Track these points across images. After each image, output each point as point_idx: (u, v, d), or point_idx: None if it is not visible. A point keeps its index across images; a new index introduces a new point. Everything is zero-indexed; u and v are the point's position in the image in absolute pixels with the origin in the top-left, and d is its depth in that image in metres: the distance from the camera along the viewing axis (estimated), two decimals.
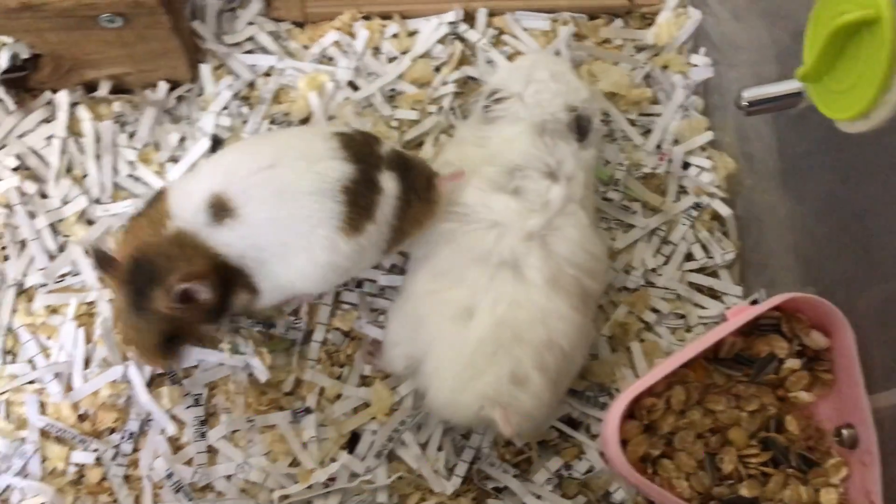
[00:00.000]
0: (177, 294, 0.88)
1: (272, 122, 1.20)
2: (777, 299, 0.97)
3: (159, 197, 0.94)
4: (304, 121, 1.22)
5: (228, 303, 0.95)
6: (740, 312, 0.97)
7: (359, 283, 1.13)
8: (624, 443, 0.95)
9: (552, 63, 1.06)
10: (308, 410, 1.09)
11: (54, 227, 1.13)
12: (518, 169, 0.99)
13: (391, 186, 0.95)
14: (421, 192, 0.98)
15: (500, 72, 1.16)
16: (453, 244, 0.98)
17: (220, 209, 0.89)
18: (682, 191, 1.24)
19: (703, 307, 1.18)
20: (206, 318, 0.95)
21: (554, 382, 0.97)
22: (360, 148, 0.95)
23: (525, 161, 0.99)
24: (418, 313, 0.99)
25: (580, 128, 1.03)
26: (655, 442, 0.97)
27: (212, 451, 1.07)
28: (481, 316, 0.94)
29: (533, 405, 0.95)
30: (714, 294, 1.20)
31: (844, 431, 0.96)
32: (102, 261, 0.93)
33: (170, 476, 1.04)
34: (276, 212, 0.90)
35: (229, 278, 0.93)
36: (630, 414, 0.98)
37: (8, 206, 1.12)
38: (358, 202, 0.93)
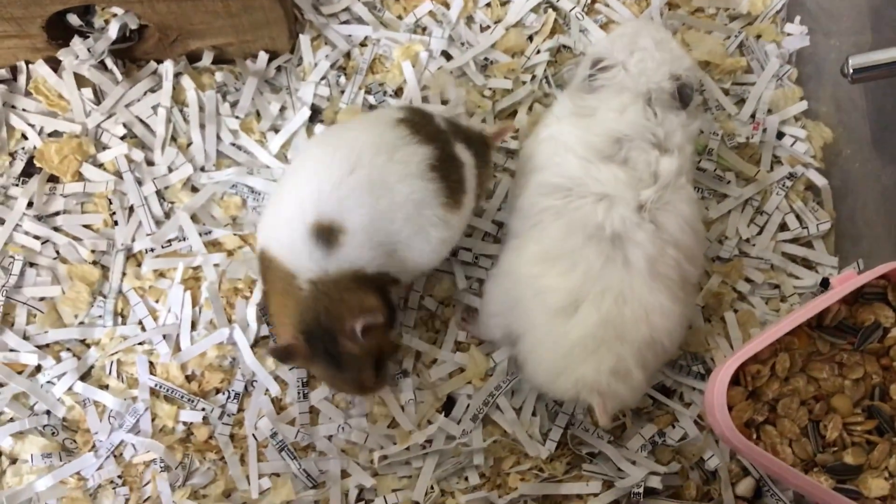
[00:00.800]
0: (360, 334, 0.91)
1: (368, 92, 1.22)
2: (885, 267, 0.96)
3: (267, 264, 0.96)
4: (399, 91, 1.23)
5: (391, 303, 0.99)
6: (846, 280, 0.97)
7: (454, 252, 1.15)
8: (729, 409, 0.95)
9: (655, 31, 1.06)
10: (405, 374, 1.11)
11: (160, 194, 1.17)
12: (627, 139, 0.99)
13: (467, 156, 1.00)
14: (483, 155, 1.03)
15: (602, 40, 1.15)
16: (561, 222, 0.98)
17: (328, 235, 0.91)
18: (777, 160, 1.23)
19: (797, 277, 1.18)
20: (387, 328, 0.99)
21: (652, 374, 1.00)
22: (427, 128, 0.98)
23: (633, 131, 0.99)
24: (520, 294, 0.99)
25: (682, 96, 1.03)
26: (760, 408, 0.97)
27: (313, 411, 1.10)
28: (587, 311, 0.94)
29: (631, 396, 0.98)
30: (808, 264, 1.19)
31: None
32: (285, 355, 0.96)
33: (274, 435, 1.07)
34: (378, 209, 0.92)
35: (379, 284, 0.96)
36: (734, 380, 0.98)
37: (116, 174, 1.16)
38: (449, 177, 0.97)
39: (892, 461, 0.95)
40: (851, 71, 0.96)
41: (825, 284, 1.10)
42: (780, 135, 1.23)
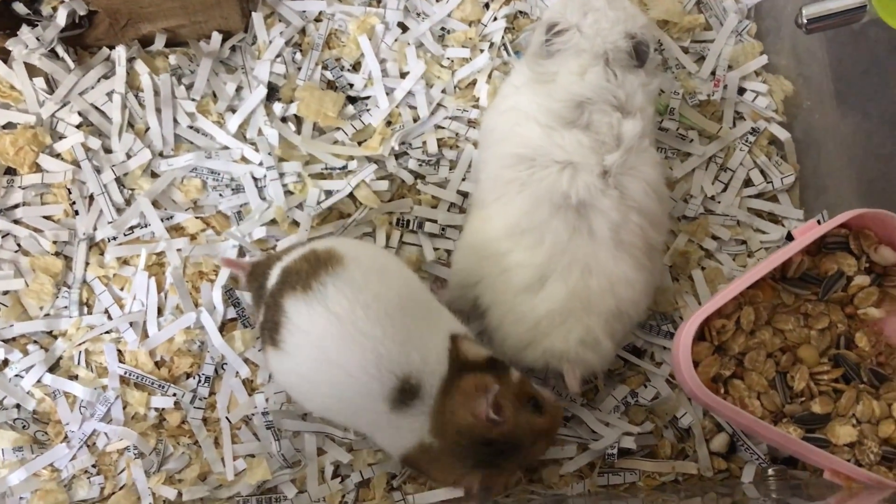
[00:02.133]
0: (493, 414, 0.85)
1: (325, 68, 1.21)
2: (845, 216, 0.96)
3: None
4: (356, 66, 1.22)
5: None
6: (807, 231, 0.97)
7: (420, 224, 1.15)
8: (695, 365, 0.96)
9: None
10: None
11: (120, 181, 1.15)
12: (589, 102, 0.99)
13: None
14: None
15: (555, 5, 1.14)
16: (526, 193, 0.98)
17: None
18: (739, 116, 1.23)
19: (763, 232, 1.18)
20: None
21: (621, 342, 1.01)
22: None
23: (595, 94, 0.99)
24: (487, 271, 1.00)
25: (639, 53, 1.02)
26: (726, 362, 0.97)
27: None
28: (554, 286, 0.95)
29: (600, 363, 0.99)
30: (774, 218, 1.19)
31: None
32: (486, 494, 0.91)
33: (266, 413, 1.07)
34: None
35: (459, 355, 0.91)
36: (700, 336, 0.98)
37: (74, 163, 1.15)
38: None
39: (859, 408, 0.96)
40: (805, 21, 0.96)
41: (791, 238, 1.10)
42: (742, 90, 1.23)
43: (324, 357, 0.85)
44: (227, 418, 1.08)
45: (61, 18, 1.12)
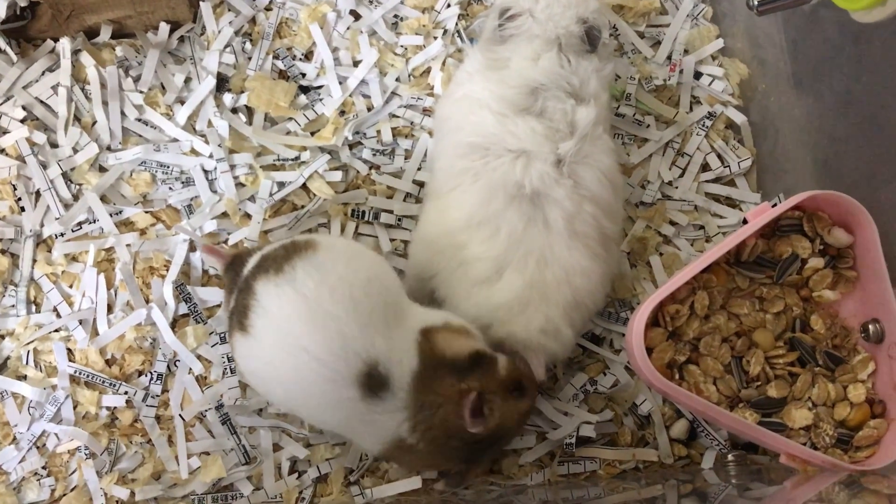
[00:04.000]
0: (477, 426, 0.85)
1: (276, 57, 1.19)
2: (798, 197, 0.96)
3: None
4: (308, 55, 1.21)
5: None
6: (760, 213, 0.96)
7: (376, 215, 1.13)
8: (649, 351, 0.95)
9: None
10: None
11: (67, 176, 1.13)
12: (543, 88, 0.98)
13: None
14: None
15: None
16: (481, 184, 0.97)
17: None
18: (696, 101, 1.22)
19: (721, 216, 1.17)
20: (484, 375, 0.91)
21: (579, 331, 1.01)
22: None
23: (549, 80, 0.98)
24: (444, 264, 0.99)
25: (591, 38, 1.01)
26: (681, 348, 0.96)
27: (243, 386, 1.08)
28: (510, 278, 0.95)
29: (562, 351, 0.98)
30: (732, 203, 1.19)
31: (871, 326, 0.96)
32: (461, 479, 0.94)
33: (220, 407, 1.06)
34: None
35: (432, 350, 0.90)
36: (654, 322, 0.97)
37: (19, 158, 1.12)
38: None
39: (815, 391, 0.95)
40: (756, 3, 0.95)
41: (745, 222, 1.10)
42: (698, 74, 1.22)
43: (290, 339, 0.84)
44: (180, 416, 1.06)
45: (1, 10, 1.10)
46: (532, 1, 1.02)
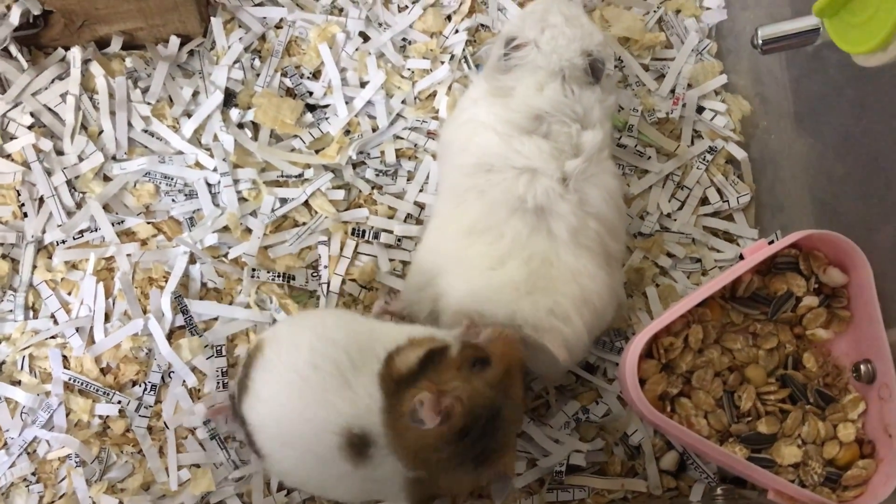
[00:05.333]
0: (434, 420, 0.79)
1: (284, 75, 1.20)
2: (794, 236, 0.96)
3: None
4: (316, 74, 1.22)
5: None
6: (757, 250, 0.97)
7: (376, 235, 1.14)
8: (642, 382, 0.95)
9: (565, 7, 1.05)
10: None
11: (71, 184, 1.14)
12: (547, 115, 0.99)
13: None
14: None
15: (514, 18, 1.15)
16: (484, 200, 0.97)
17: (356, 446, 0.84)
18: (697, 135, 1.23)
19: (718, 251, 1.18)
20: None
21: (591, 331, 0.98)
22: None
23: (553, 108, 0.99)
24: (445, 264, 0.99)
25: (595, 70, 1.02)
26: (674, 381, 0.97)
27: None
28: (514, 266, 0.94)
29: (574, 339, 0.94)
30: (730, 237, 1.19)
31: (862, 366, 0.96)
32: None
33: (207, 423, 1.06)
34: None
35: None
36: (648, 353, 0.98)
37: (24, 164, 1.13)
38: None
39: (805, 428, 0.96)
40: (761, 42, 0.96)
41: (742, 258, 1.11)
42: (700, 109, 1.23)
43: (279, 444, 0.87)
44: (167, 425, 1.06)
45: (15, 17, 1.11)
46: (538, 31, 1.03)
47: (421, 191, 1.17)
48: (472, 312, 0.93)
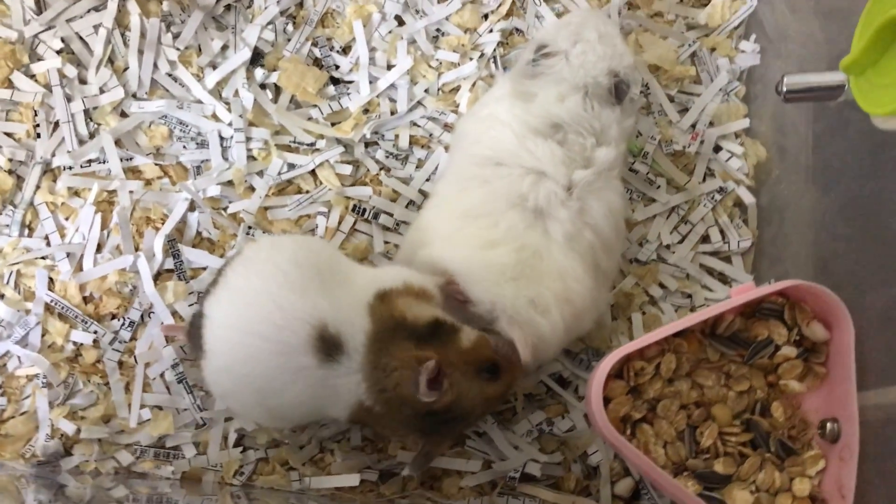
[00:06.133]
0: (428, 394, 0.83)
1: (314, 45, 1.21)
2: (784, 284, 0.96)
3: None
4: (346, 49, 1.23)
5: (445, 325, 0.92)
6: (744, 291, 0.96)
7: (376, 215, 1.15)
8: (607, 400, 0.95)
9: (601, 24, 1.05)
10: None
11: (88, 114, 1.15)
12: (565, 124, 1.00)
13: None
14: None
15: (548, 26, 1.15)
16: (487, 189, 0.99)
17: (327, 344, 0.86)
18: (710, 173, 1.23)
19: (710, 290, 1.18)
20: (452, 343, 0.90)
21: (567, 330, 0.97)
22: None
23: (572, 119, 0.99)
24: (434, 238, 1.00)
25: (618, 92, 1.03)
26: (639, 405, 0.97)
27: None
28: (505, 250, 0.95)
29: (550, 333, 0.95)
30: (724, 279, 1.19)
31: (829, 425, 0.95)
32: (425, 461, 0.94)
33: (175, 365, 1.07)
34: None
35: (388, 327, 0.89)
36: (619, 374, 0.98)
37: (47, 86, 1.15)
38: None
39: (761, 476, 0.95)
40: (785, 90, 0.96)
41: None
42: (718, 148, 1.23)
43: (236, 333, 0.87)
44: (137, 361, 1.08)
45: None
46: (570, 43, 1.03)
47: (428, 180, 1.18)
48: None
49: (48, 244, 1.11)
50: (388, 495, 1.05)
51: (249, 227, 1.11)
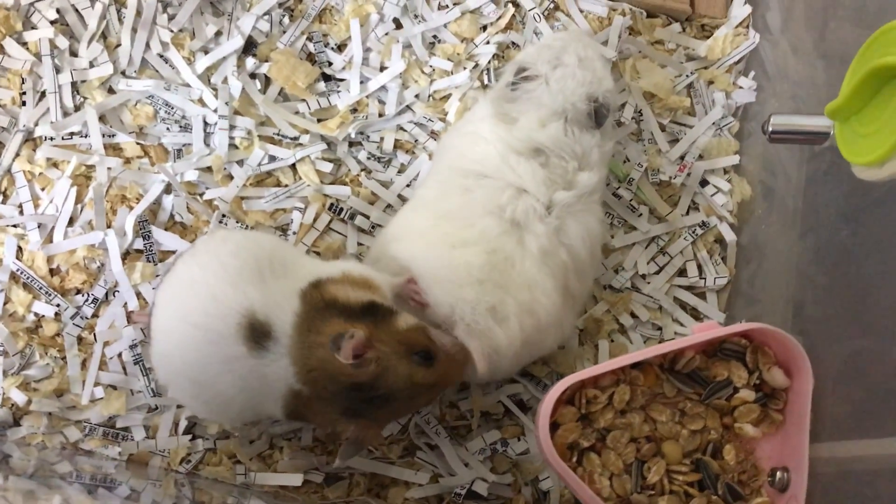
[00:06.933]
0: (349, 357, 0.81)
1: (309, 39, 1.21)
2: (746, 325, 0.95)
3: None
4: (341, 47, 1.22)
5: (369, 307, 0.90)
6: (708, 329, 0.95)
7: (352, 216, 1.14)
8: (556, 425, 0.94)
9: (582, 48, 1.04)
10: None
11: (75, 87, 1.15)
12: (547, 149, 0.99)
13: None
14: None
15: (529, 48, 1.14)
16: (465, 197, 0.98)
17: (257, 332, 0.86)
18: (694, 206, 1.21)
19: (681, 324, 1.16)
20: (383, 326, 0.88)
21: (525, 343, 0.96)
22: None
23: (553, 145, 0.99)
24: (404, 234, 0.99)
25: (598, 116, 1.02)
26: (588, 433, 0.95)
27: None
28: (476, 251, 0.94)
29: (505, 345, 0.93)
30: (696, 315, 1.17)
31: (779, 473, 0.94)
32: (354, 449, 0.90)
33: (134, 346, 1.07)
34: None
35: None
36: (572, 400, 0.96)
37: (37, 56, 1.15)
38: None
39: None
40: (771, 129, 0.95)
41: None
42: (704, 182, 1.22)
43: (173, 321, 0.89)
44: (97, 338, 1.08)
45: None
46: (550, 67, 1.02)
47: (408, 185, 1.17)
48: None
49: (21, 213, 1.11)
50: (332, 498, 1.04)
51: (223, 216, 1.11)
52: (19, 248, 1.10)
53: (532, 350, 1.01)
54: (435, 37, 1.24)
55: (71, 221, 1.11)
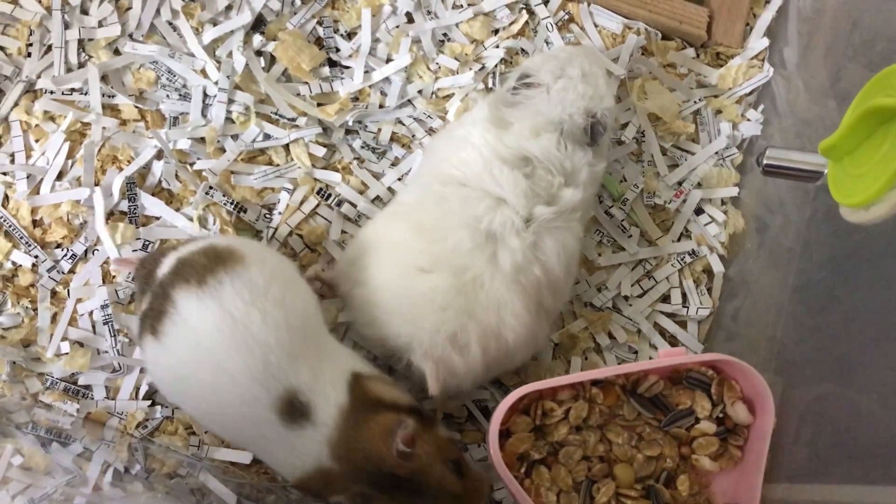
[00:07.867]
0: (403, 447, 0.82)
1: (319, 23, 1.21)
2: (713, 356, 0.93)
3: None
4: (351, 34, 1.22)
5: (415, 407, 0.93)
6: (674, 355, 0.94)
7: (339, 203, 1.13)
8: (508, 433, 0.93)
9: (588, 62, 1.03)
10: None
11: (82, 44, 1.16)
12: (536, 160, 0.98)
13: None
14: None
15: (535, 57, 1.14)
16: (442, 207, 0.98)
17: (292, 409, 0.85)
18: (686, 234, 1.19)
19: (657, 350, 1.14)
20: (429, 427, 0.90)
21: (488, 366, 0.96)
22: None
23: (543, 156, 0.98)
24: (378, 244, 0.99)
25: (594, 133, 1.01)
26: (541, 446, 0.94)
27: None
28: (443, 276, 0.94)
29: (464, 371, 0.94)
30: (675, 343, 1.15)
31: None
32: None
33: (105, 307, 1.06)
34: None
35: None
36: (527, 410, 0.95)
37: (48, 9, 1.15)
38: None
39: None
40: (765, 162, 0.93)
41: None
42: (699, 210, 1.20)
43: (209, 356, 0.83)
44: (70, 295, 1.07)
45: None
46: (552, 78, 1.02)
47: (399, 179, 1.16)
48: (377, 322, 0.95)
49: (12, 161, 1.11)
50: (281, 480, 1.03)
51: (210, 188, 1.10)
52: (6, 197, 1.10)
53: (500, 367, 1.00)
54: (445, 35, 1.23)
55: (60, 176, 1.11)
